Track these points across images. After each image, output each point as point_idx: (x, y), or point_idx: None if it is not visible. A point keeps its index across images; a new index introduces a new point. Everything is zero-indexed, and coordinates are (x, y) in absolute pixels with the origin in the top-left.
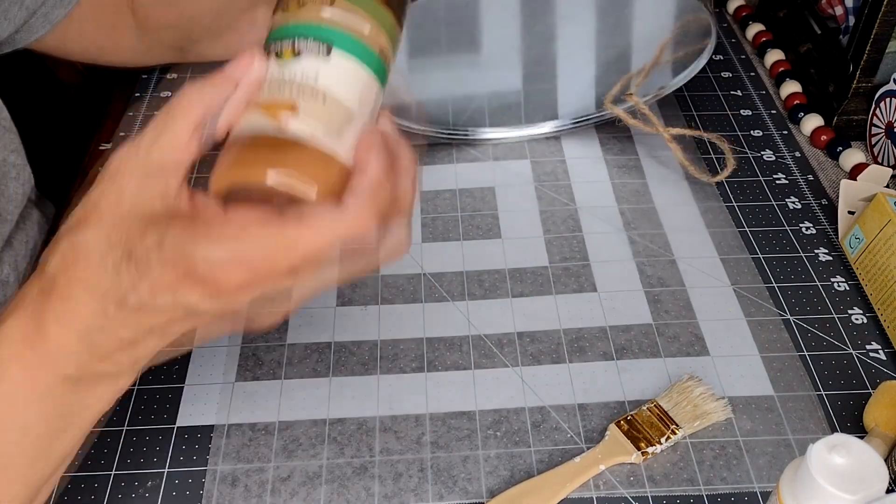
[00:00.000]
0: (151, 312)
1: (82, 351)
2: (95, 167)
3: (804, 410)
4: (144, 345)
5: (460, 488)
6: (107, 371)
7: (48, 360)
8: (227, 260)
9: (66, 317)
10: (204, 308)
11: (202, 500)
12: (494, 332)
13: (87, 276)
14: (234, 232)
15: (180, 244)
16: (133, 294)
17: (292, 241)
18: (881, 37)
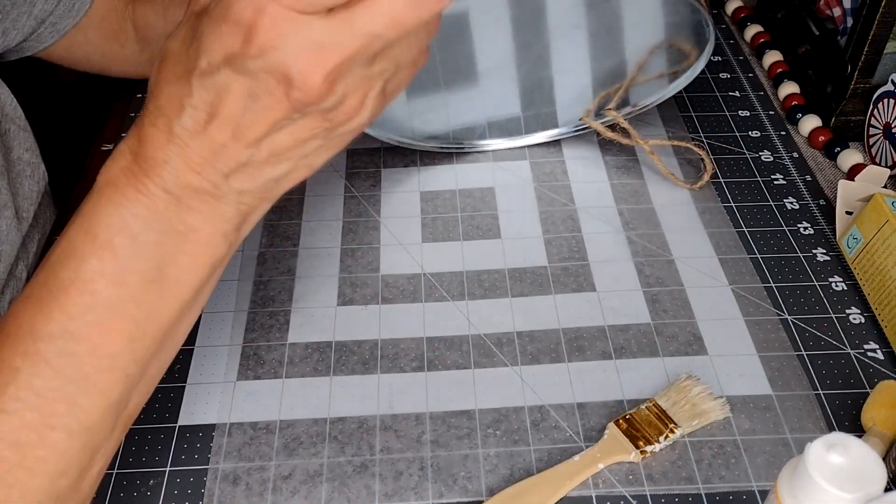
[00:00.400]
0: (216, 90)
1: (174, 156)
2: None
3: (802, 409)
4: (226, 151)
5: (460, 486)
6: (202, 186)
7: (147, 166)
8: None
9: (156, 115)
10: (251, 65)
11: (203, 498)
12: (494, 331)
13: (168, 71)
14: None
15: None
16: (196, 69)
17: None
18: (879, 38)
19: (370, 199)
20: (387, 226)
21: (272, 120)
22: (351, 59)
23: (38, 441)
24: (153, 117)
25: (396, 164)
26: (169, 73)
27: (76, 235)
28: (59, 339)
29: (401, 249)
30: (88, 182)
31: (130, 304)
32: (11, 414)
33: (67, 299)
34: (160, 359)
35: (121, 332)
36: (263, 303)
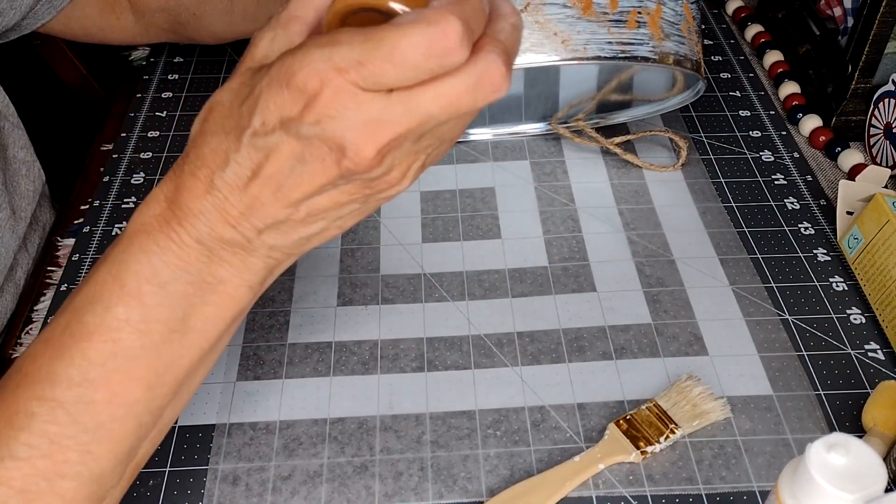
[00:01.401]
0: (266, 150)
1: (210, 208)
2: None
3: (803, 410)
4: (264, 209)
5: (460, 487)
6: (235, 239)
7: (182, 215)
8: (317, 60)
9: (197, 166)
10: (306, 131)
11: (203, 499)
12: (494, 331)
13: (216, 124)
14: (328, 38)
15: (283, 59)
16: (249, 128)
17: (379, 40)
18: (880, 37)
19: None
20: (387, 226)
21: (317, 185)
22: (403, 136)
23: (47, 489)
24: (194, 167)
25: None
26: (216, 125)
27: (104, 280)
28: (78, 386)
29: (401, 249)
30: (87, 183)
31: (153, 352)
32: (23, 461)
33: (90, 345)
34: (174, 407)
35: (140, 381)
36: (263, 303)
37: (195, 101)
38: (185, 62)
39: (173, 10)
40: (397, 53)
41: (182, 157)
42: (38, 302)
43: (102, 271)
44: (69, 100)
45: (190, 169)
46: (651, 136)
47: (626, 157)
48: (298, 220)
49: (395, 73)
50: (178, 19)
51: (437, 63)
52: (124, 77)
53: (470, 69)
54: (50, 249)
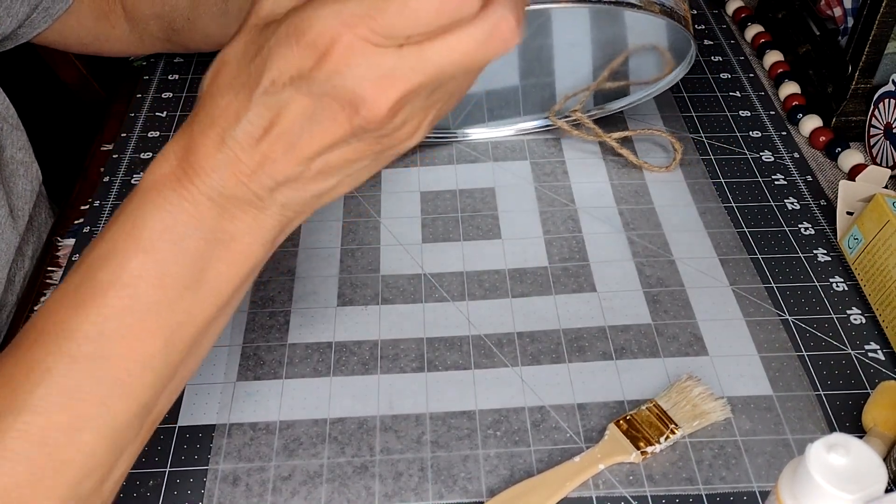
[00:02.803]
0: (277, 108)
1: (222, 166)
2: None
3: (803, 410)
4: (276, 166)
5: (460, 487)
6: (247, 197)
7: (193, 173)
8: (327, 16)
9: (207, 124)
10: (318, 88)
11: (203, 499)
12: (494, 331)
13: (225, 83)
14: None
15: (291, 16)
16: (259, 86)
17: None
18: (880, 38)
19: (370, 199)
20: (387, 226)
21: (329, 141)
22: (415, 91)
23: (66, 442)
24: (204, 126)
25: (396, 164)
26: (225, 84)
27: (118, 236)
28: (94, 341)
29: (401, 250)
30: (87, 184)
31: (167, 308)
32: (41, 415)
33: (105, 300)
34: (189, 363)
35: (155, 336)
36: (263, 303)
37: (195, 101)
38: (186, 62)
39: (167, 16)
40: (408, 7)
41: (191, 115)
42: (38, 302)
43: (116, 228)
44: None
45: (200, 128)
46: (650, 134)
47: (621, 152)
48: (310, 177)
49: (406, 27)
50: (172, 25)
51: (449, 16)
52: (124, 77)
53: (481, 22)
54: (50, 249)
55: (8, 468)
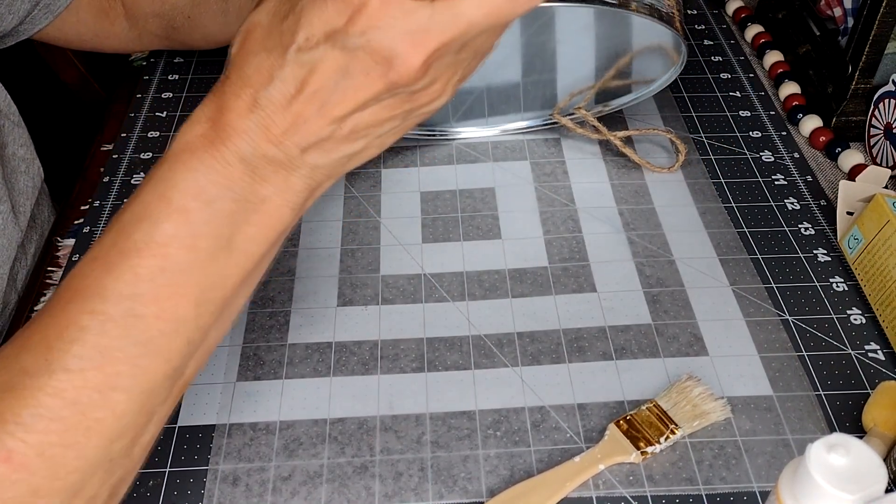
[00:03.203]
0: (311, 66)
1: (254, 127)
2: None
3: (803, 410)
4: (308, 126)
5: (460, 487)
6: (277, 158)
7: (225, 134)
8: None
9: (239, 86)
10: (353, 42)
11: (203, 499)
12: (494, 332)
13: (256, 43)
14: None
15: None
16: (293, 44)
17: None
18: (880, 38)
19: (370, 199)
20: (387, 226)
21: (362, 98)
22: (448, 46)
23: (99, 401)
24: (236, 87)
25: (396, 165)
26: (257, 44)
27: (150, 198)
28: (127, 301)
29: (401, 250)
30: (87, 184)
31: (199, 270)
32: (74, 373)
33: (139, 261)
34: (218, 328)
35: (188, 297)
36: (263, 303)
37: (195, 101)
38: (186, 62)
39: (167, 15)
40: None
41: (222, 78)
42: (38, 302)
43: (148, 190)
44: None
45: (232, 89)
46: (653, 133)
47: (624, 151)
48: (341, 138)
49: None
50: (171, 23)
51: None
52: (124, 77)
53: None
54: (50, 249)
55: (42, 426)
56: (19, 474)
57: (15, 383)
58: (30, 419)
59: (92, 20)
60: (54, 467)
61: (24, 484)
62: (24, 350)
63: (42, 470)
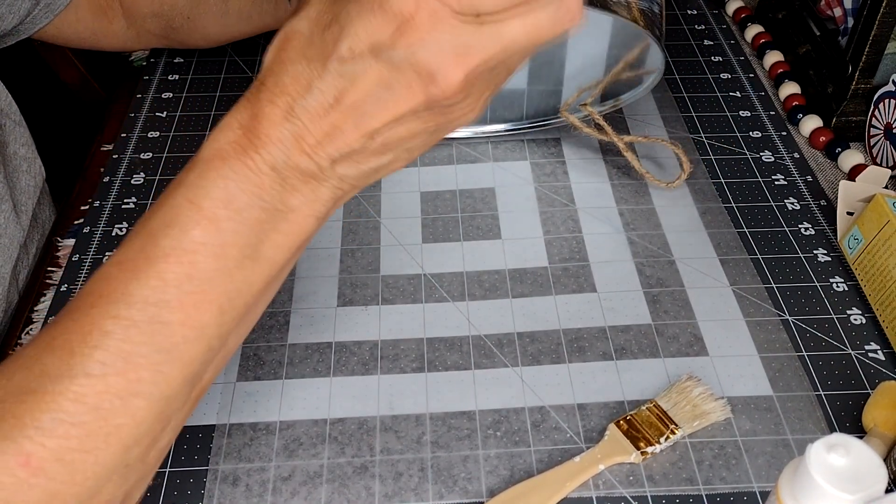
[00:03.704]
0: (352, 77)
1: (288, 136)
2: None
3: (803, 410)
4: (343, 137)
5: (460, 488)
6: (309, 168)
7: (259, 143)
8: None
9: (276, 94)
10: (398, 56)
11: (203, 499)
12: (494, 332)
13: (296, 52)
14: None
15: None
16: (335, 54)
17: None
18: (880, 38)
19: (370, 199)
20: (387, 226)
21: (400, 112)
22: (488, 63)
23: (120, 408)
24: (272, 95)
25: None
26: (296, 53)
27: (179, 204)
28: (153, 306)
29: (401, 250)
30: (87, 184)
31: (226, 277)
32: (97, 378)
33: (167, 267)
34: (238, 333)
35: (213, 305)
36: None
37: (195, 101)
38: (186, 63)
39: (166, 15)
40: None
41: (257, 85)
42: (39, 302)
43: (178, 196)
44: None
45: (268, 97)
46: (662, 145)
47: (626, 156)
48: (372, 151)
49: (491, 2)
50: (170, 24)
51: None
52: (124, 77)
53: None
54: (50, 249)
55: (62, 431)
56: (37, 479)
57: (36, 386)
58: (50, 424)
59: (90, 19)
60: (72, 472)
61: (41, 488)
62: (46, 352)
63: (60, 475)
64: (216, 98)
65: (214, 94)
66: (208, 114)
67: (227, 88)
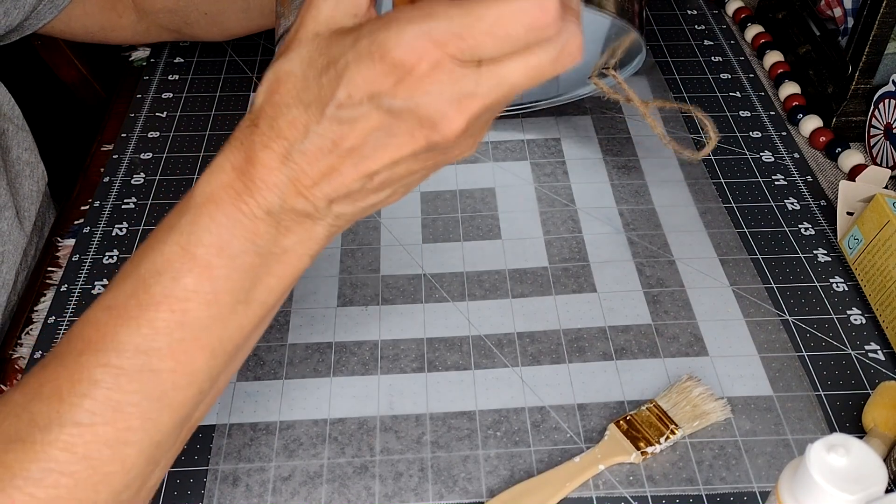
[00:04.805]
0: (350, 123)
1: (284, 180)
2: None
3: (803, 410)
4: (341, 179)
5: (460, 488)
6: (305, 209)
7: (254, 187)
8: (416, 36)
9: (271, 138)
10: (399, 105)
11: (203, 499)
12: (494, 332)
13: (290, 96)
14: (422, 12)
15: (373, 32)
16: (333, 100)
17: (479, 15)
18: (880, 38)
19: None
20: (387, 226)
21: (399, 155)
22: (490, 108)
23: (110, 456)
24: (266, 139)
25: None
26: (291, 97)
27: (171, 251)
28: (143, 355)
29: (401, 250)
30: (87, 184)
31: (219, 323)
32: (86, 427)
33: (157, 315)
34: (227, 374)
35: (204, 351)
36: None
37: (195, 101)
38: (186, 63)
39: (182, 11)
40: (499, 27)
41: (248, 126)
42: (38, 302)
43: (169, 241)
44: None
45: (262, 141)
46: (686, 111)
47: (648, 121)
48: (370, 190)
49: (493, 47)
50: (185, 19)
51: (536, 36)
52: (124, 77)
53: (556, 40)
54: (50, 250)
55: (52, 481)
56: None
57: (25, 435)
58: (39, 473)
59: (98, 13)
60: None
61: None
62: (34, 399)
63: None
64: (216, 98)
65: (214, 94)
66: (208, 114)
67: (227, 88)
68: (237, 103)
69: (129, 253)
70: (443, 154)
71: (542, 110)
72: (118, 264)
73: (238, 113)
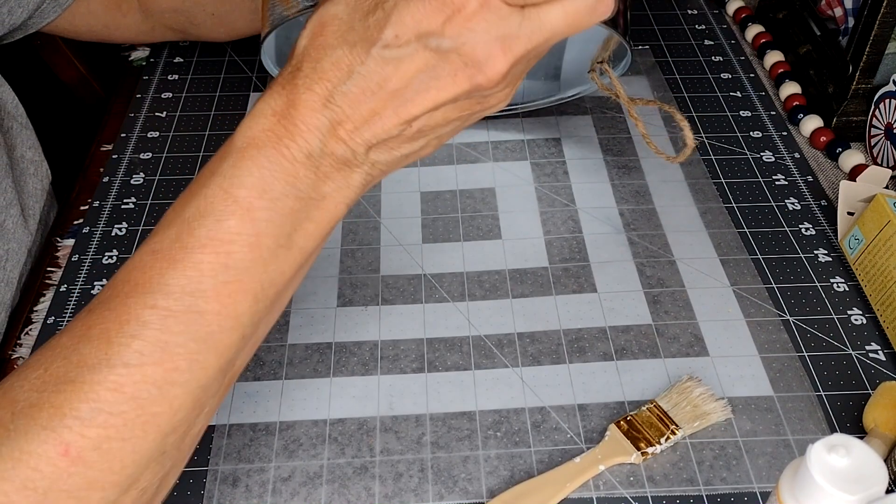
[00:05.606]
0: (396, 63)
1: (326, 123)
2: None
3: (804, 411)
4: (381, 123)
5: (460, 488)
6: (344, 155)
7: (295, 130)
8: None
9: (314, 80)
10: (447, 44)
11: (203, 499)
12: (494, 332)
13: (335, 37)
14: None
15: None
16: (380, 40)
17: None
18: (880, 38)
19: (370, 199)
20: (387, 226)
21: (441, 99)
22: (530, 52)
23: (158, 397)
24: (310, 81)
25: None
26: (336, 38)
27: (214, 194)
28: (189, 296)
29: (401, 250)
30: (87, 184)
31: (260, 266)
32: (135, 368)
33: (203, 257)
34: (268, 321)
35: (248, 294)
36: None
37: (195, 101)
38: (186, 63)
39: (188, 12)
40: None
41: (291, 71)
42: (38, 302)
43: (212, 185)
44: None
45: (305, 83)
46: (667, 111)
47: (633, 118)
48: (407, 137)
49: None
50: (192, 20)
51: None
52: (124, 77)
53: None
54: (50, 249)
55: (101, 420)
56: (76, 468)
57: (74, 376)
58: (88, 413)
59: (102, 11)
60: (111, 461)
61: (80, 477)
62: (83, 341)
63: (99, 463)
64: (216, 98)
65: (214, 94)
66: (208, 114)
67: (227, 88)
68: (237, 103)
69: (128, 253)
70: (479, 102)
71: (542, 110)
72: (118, 264)
73: (238, 113)
